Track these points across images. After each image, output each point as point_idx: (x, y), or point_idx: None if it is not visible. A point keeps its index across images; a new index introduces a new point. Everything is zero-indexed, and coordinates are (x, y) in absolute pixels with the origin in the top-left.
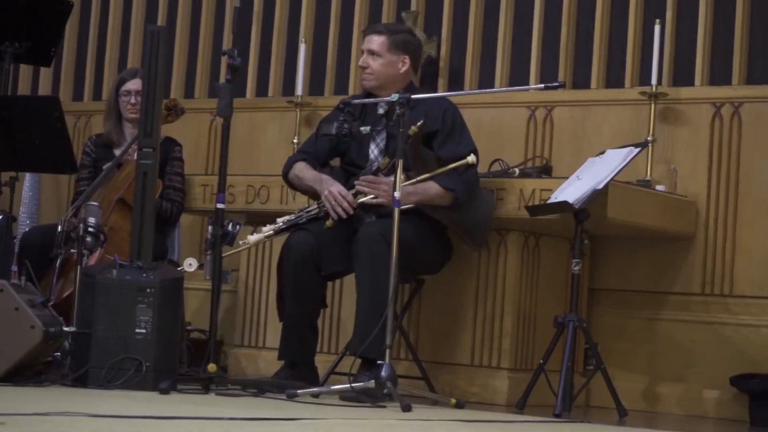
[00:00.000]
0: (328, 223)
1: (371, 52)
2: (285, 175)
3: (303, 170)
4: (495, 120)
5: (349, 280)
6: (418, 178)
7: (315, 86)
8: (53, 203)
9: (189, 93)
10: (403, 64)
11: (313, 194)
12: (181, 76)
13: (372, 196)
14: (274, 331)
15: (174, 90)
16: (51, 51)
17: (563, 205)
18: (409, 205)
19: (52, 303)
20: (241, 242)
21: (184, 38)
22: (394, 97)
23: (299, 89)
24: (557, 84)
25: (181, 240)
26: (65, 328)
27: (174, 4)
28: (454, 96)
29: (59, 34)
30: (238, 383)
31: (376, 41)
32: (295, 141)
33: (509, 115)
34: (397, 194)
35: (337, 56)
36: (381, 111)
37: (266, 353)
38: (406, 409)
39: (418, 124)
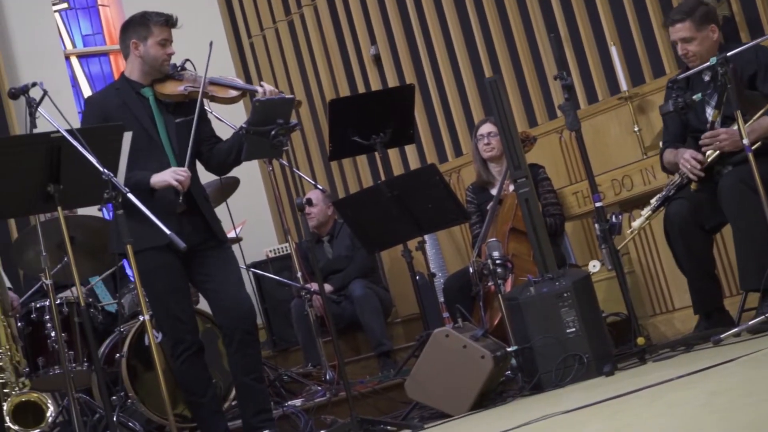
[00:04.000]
0: (693, 186)
1: (684, 40)
2: (663, 168)
3: (667, 155)
4: None
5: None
6: (754, 118)
7: (635, 78)
8: (453, 252)
9: (533, 123)
10: (713, 32)
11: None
12: (521, 111)
13: (717, 148)
14: (677, 293)
15: (519, 124)
16: (410, 130)
17: None
18: (757, 145)
19: (488, 332)
20: (629, 231)
21: (511, 77)
22: (713, 61)
23: (623, 85)
24: None
25: (571, 245)
26: (508, 349)
27: (493, 54)
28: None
29: (411, 113)
30: (667, 346)
31: (682, 29)
32: (635, 129)
33: None
34: (745, 141)
35: (645, 47)
36: (707, 78)
37: (678, 314)
38: None
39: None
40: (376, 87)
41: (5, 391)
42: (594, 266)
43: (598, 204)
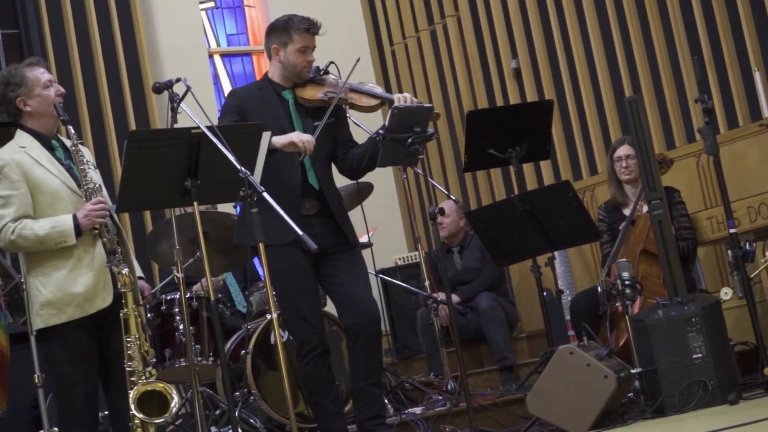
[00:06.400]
0: None
1: None
2: None
3: None
4: None
5: None
6: None
7: None
8: (583, 270)
9: (670, 145)
10: None
11: None
12: (659, 132)
13: None
14: None
15: (657, 146)
16: (546, 145)
17: None
18: None
19: (613, 352)
20: (762, 260)
21: (652, 98)
22: None
23: (765, 112)
24: None
25: (702, 270)
26: (632, 371)
27: (634, 73)
28: None
29: (548, 128)
30: None
31: None
32: None
33: None
34: None
35: None
36: None
37: None
38: None
39: None
40: (515, 101)
41: (132, 379)
42: (726, 294)
43: (732, 230)
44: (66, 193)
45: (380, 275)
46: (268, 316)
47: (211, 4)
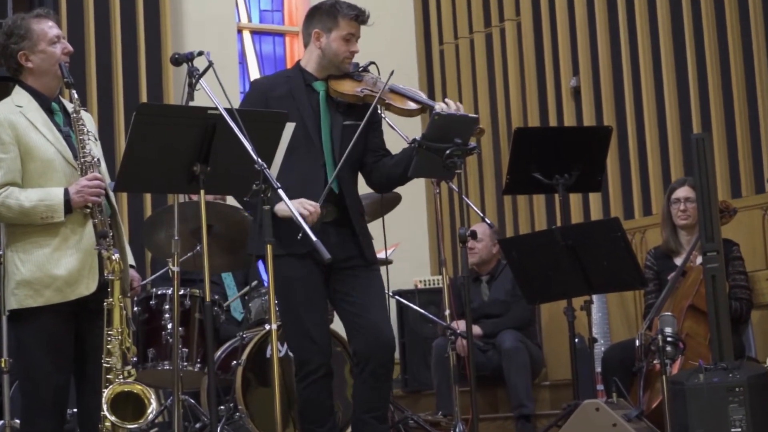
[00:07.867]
0: None
1: None
2: None
3: None
4: None
5: None
6: None
7: None
8: (622, 320)
9: (736, 193)
10: None
11: None
12: (726, 177)
13: None
14: None
15: (721, 192)
16: (599, 176)
17: None
18: None
19: (644, 414)
20: None
21: (722, 138)
22: None
23: None
24: None
25: (755, 336)
26: None
27: (706, 108)
28: None
29: (603, 158)
30: None
31: None
32: None
33: None
34: None
35: None
36: None
37: None
38: None
39: None
40: (570, 122)
41: (108, 377)
42: None
43: None
44: (60, 163)
45: (396, 296)
46: (267, 327)
47: None
